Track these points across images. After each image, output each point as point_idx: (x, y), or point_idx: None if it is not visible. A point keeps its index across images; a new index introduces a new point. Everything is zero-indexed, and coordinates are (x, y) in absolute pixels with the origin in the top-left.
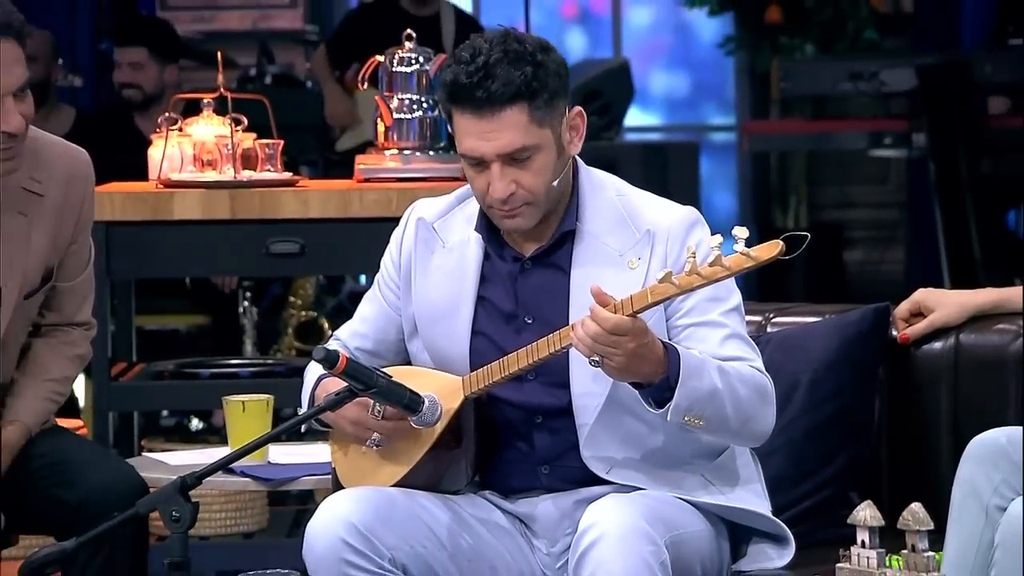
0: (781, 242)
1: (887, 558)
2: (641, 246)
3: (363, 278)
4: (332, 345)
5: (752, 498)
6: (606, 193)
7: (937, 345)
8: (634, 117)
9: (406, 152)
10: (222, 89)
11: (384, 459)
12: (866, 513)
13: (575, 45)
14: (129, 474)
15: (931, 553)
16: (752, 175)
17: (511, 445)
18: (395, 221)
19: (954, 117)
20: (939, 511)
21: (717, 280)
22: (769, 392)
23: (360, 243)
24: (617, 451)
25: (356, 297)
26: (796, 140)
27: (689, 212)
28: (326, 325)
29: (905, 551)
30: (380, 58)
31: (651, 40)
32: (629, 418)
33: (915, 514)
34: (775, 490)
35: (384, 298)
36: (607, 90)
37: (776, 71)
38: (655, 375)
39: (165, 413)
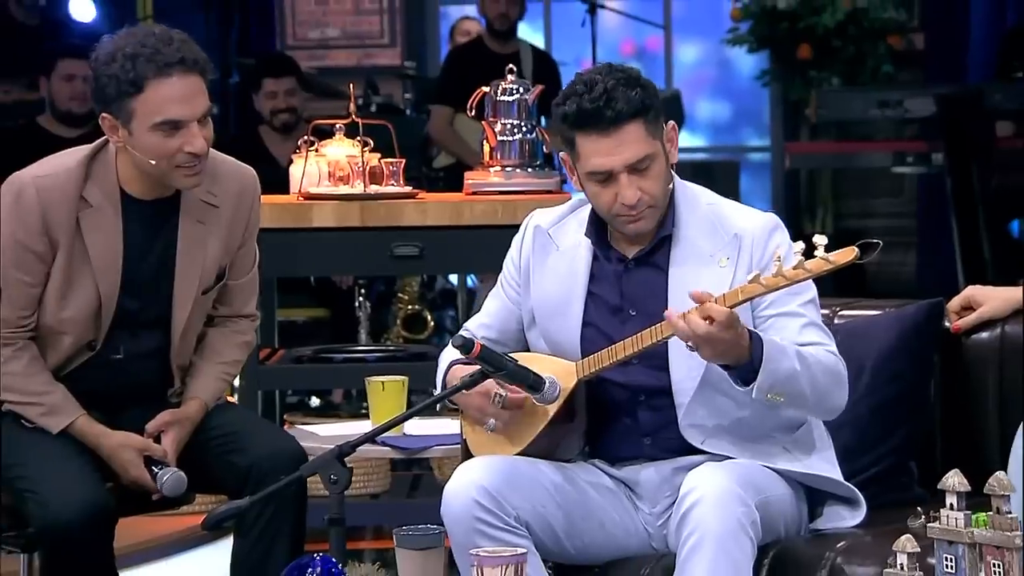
0: (856, 248)
1: (972, 518)
2: (730, 248)
3: (454, 278)
4: (464, 335)
5: (826, 466)
6: (698, 202)
7: (985, 335)
8: (683, 140)
9: (508, 169)
10: (353, 116)
11: (509, 432)
12: (955, 480)
13: None
14: (290, 442)
15: (1015, 515)
16: (785, 189)
17: (618, 420)
18: (501, 228)
19: (967, 139)
20: (982, 478)
21: (799, 281)
22: (842, 373)
23: (471, 247)
24: (710, 424)
25: (447, 294)
26: (831, 159)
27: (771, 218)
28: (429, 317)
29: (990, 512)
30: (486, 89)
31: (698, 73)
32: (720, 396)
33: (1000, 481)
34: (843, 460)
35: (506, 294)
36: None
37: (814, 100)
38: (742, 359)
39: (289, 392)
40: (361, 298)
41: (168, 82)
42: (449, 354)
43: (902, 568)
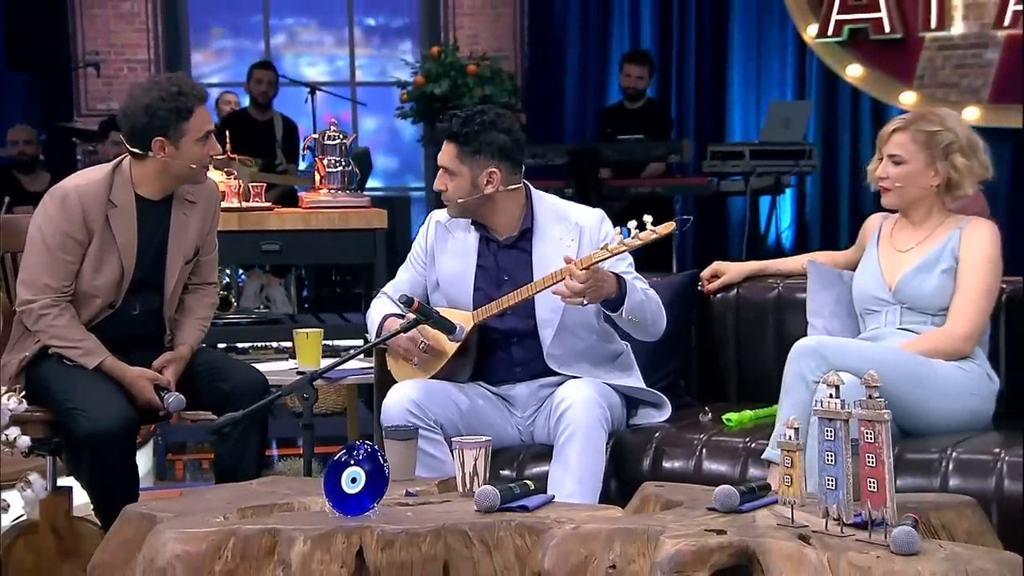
0: (674, 222)
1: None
2: (573, 233)
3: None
4: (382, 296)
5: (639, 381)
6: (547, 203)
7: (727, 294)
8: (370, 183)
9: (333, 190)
10: (229, 154)
11: (423, 364)
12: (834, 377)
13: None
14: (258, 373)
15: (883, 399)
16: None
17: (496, 354)
18: (336, 231)
19: (587, 179)
20: (725, 389)
21: (635, 248)
22: (662, 306)
23: (315, 243)
24: (566, 355)
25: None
26: None
27: (599, 211)
28: (233, 299)
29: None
30: (315, 135)
31: (376, 136)
32: (571, 336)
33: (872, 376)
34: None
35: (415, 269)
36: (358, 165)
37: None
38: (613, 293)
39: None
40: None
41: (203, 107)
42: (378, 309)
43: (790, 439)
